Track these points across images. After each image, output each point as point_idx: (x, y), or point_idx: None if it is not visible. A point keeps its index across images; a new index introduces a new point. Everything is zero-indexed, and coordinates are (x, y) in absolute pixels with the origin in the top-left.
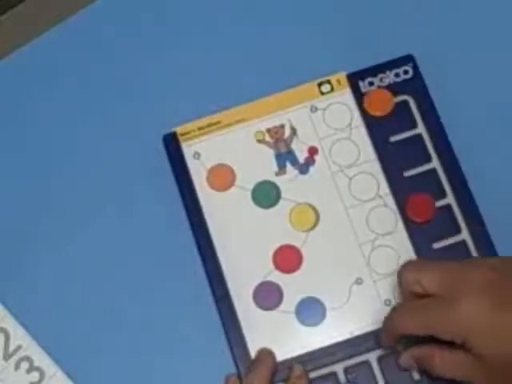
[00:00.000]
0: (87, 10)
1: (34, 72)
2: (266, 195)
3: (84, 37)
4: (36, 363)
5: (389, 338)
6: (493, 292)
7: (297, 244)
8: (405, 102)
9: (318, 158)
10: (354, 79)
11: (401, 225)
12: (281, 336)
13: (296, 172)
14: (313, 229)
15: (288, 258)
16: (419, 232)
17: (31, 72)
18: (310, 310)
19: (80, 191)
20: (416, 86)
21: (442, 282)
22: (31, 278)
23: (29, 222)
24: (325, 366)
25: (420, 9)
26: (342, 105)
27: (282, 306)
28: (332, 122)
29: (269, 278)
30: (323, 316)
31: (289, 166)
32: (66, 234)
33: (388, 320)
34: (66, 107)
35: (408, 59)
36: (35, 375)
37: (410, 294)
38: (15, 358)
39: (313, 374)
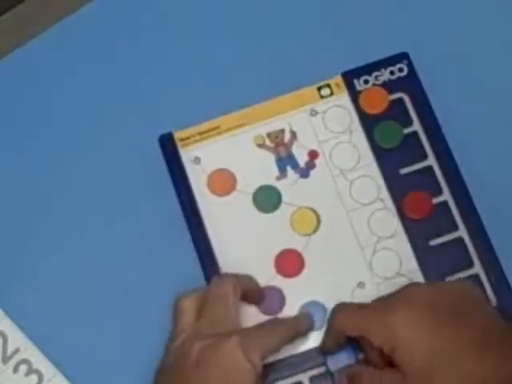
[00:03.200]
0: (86, 10)
1: (34, 72)
2: (267, 199)
3: (83, 37)
4: (34, 366)
5: (332, 338)
6: (430, 311)
7: (298, 248)
8: (400, 100)
9: (318, 161)
10: (349, 77)
11: (400, 226)
12: None
13: (297, 176)
14: (314, 233)
15: (290, 263)
16: (416, 229)
17: (31, 72)
18: (313, 314)
19: (78, 193)
20: (411, 83)
21: (382, 297)
22: (29, 279)
23: (27, 223)
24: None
25: (414, 6)
26: (341, 108)
27: (285, 311)
28: (332, 126)
29: (271, 283)
30: (326, 320)
31: (289, 170)
32: (63, 236)
33: (331, 317)
34: (64, 107)
35: (403, 57)
36: (34, 378)
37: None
38: (14, 360)
39: (312, 372)
